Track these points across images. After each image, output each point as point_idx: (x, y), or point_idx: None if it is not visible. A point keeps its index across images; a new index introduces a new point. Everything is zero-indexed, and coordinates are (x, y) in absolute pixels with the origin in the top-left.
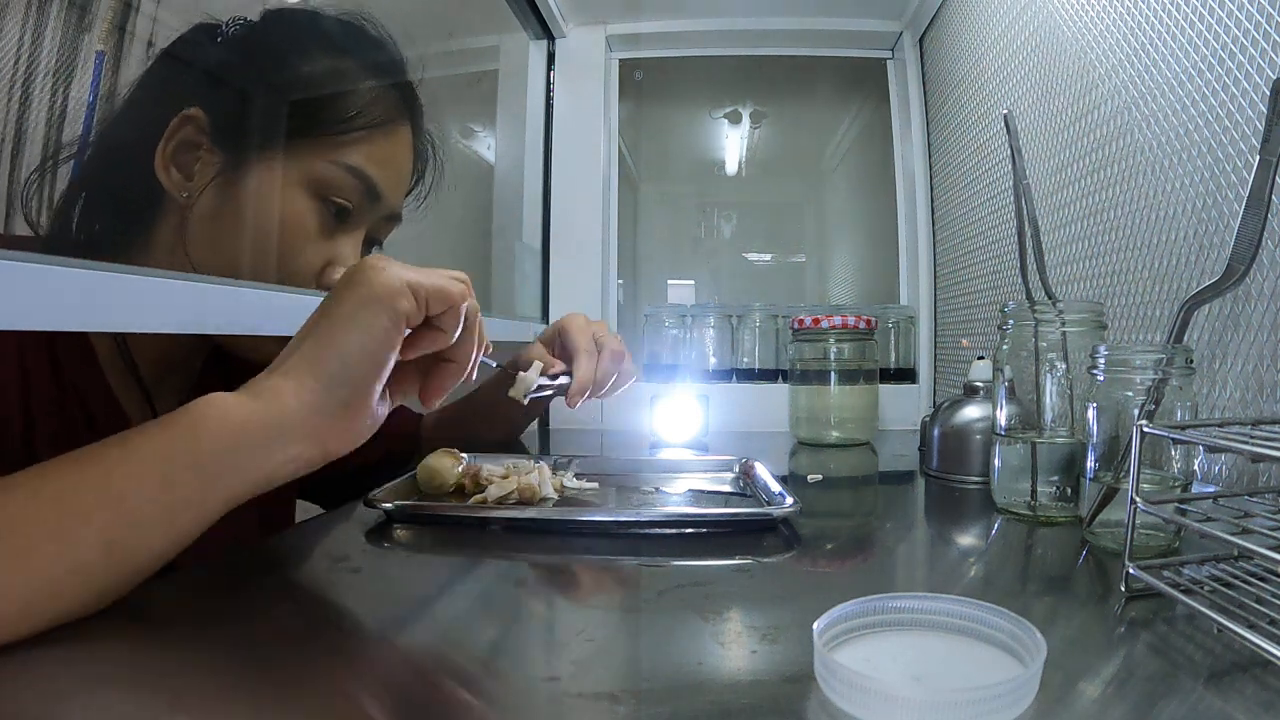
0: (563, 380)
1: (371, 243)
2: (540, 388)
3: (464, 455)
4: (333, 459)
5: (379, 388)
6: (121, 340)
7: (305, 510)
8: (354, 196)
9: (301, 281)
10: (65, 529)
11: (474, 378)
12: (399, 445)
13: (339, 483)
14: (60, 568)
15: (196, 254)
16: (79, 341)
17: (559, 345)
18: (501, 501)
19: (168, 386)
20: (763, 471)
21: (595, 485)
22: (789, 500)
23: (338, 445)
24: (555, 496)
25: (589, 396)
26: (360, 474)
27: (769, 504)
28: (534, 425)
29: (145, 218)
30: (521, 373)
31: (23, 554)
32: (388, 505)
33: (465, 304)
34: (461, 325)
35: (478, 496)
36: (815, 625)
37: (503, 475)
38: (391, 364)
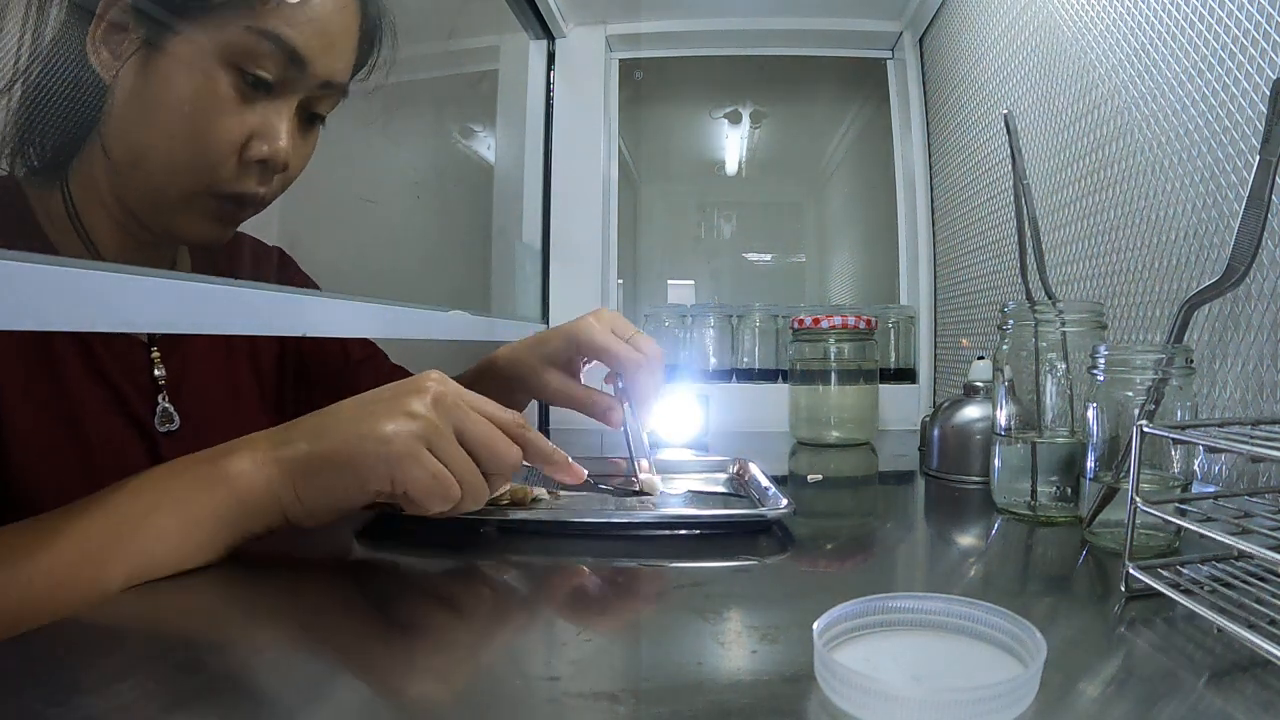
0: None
1: (311, 116)
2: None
3: None
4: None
5: (340, 517)
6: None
7: None
8: (272, 66)
9: (221, 157)
10: (96, 578)
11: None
12: None
13: None
14: (88, 597)
15: (113, 140)
16: None
17: (580, 360)
18: (494, 503)
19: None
20: (757, 472)
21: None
22: (784, 501)
23: (304, 525)
24: (548, 498)
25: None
26: None
27: (762, 505)
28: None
29: (94, 102)
30: (644, 476)
31: (53, 592)
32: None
33: (450, 506)
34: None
35: None
36: (815, 625)
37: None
38: (359, 508)
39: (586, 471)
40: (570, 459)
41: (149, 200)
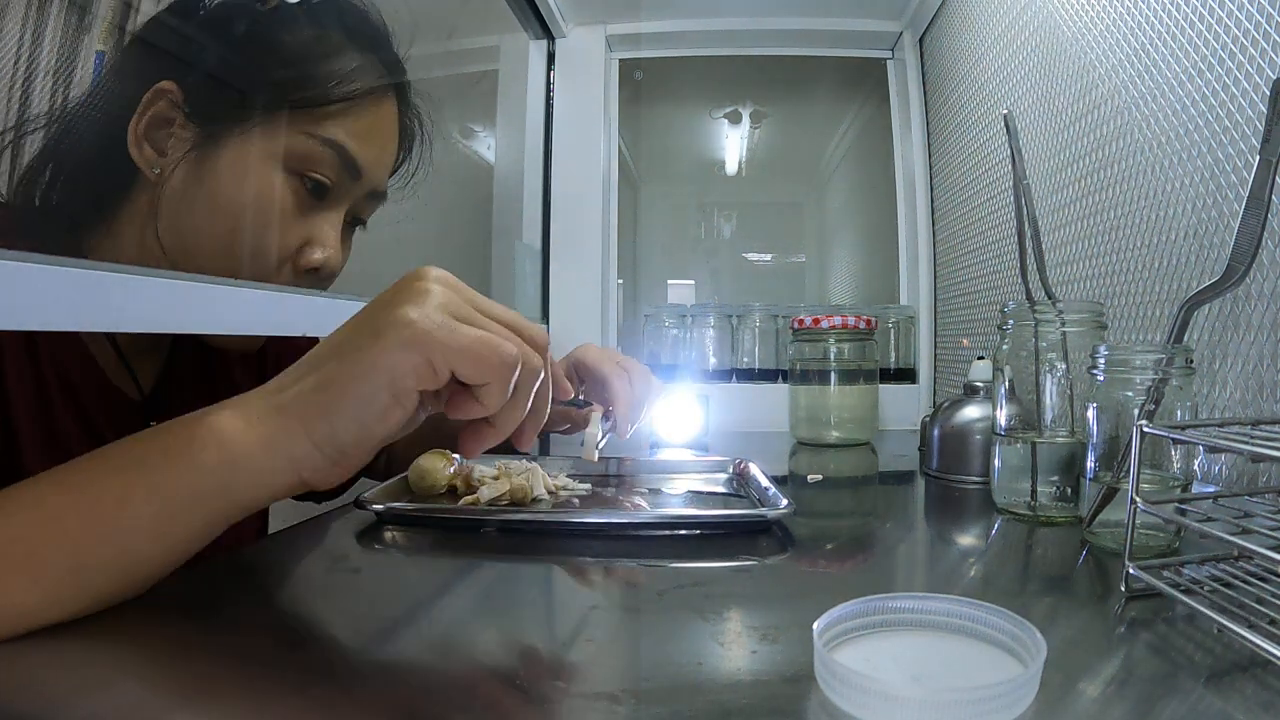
0: (611, 420)
1: (354, 221)
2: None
3: (455, 456)
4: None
5: (374, 450)
6: None
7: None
8: (332, 172)
9: (277, 262)
10: (80, 565)
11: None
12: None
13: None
14: (71, 593)
15: (167, 233)
16: None
17: (578, 380)
18: (494, 503)
19: (144, 343)
20: (757, 472)
21: (587, 486)
22: (784, 501)
23: (323, 484)
24: (548, 498)
25: (635, 424)
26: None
27: (762, 505)
28: None
29: (115, 195)
30: (587, 430)
31: (39, 581)
32: (378, 507)
33: (515, 374)
34: (508, 396)
35: (469, 498)
36: (815, 625)
37: (495, 476)
38: (398, 426)
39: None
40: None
41: None
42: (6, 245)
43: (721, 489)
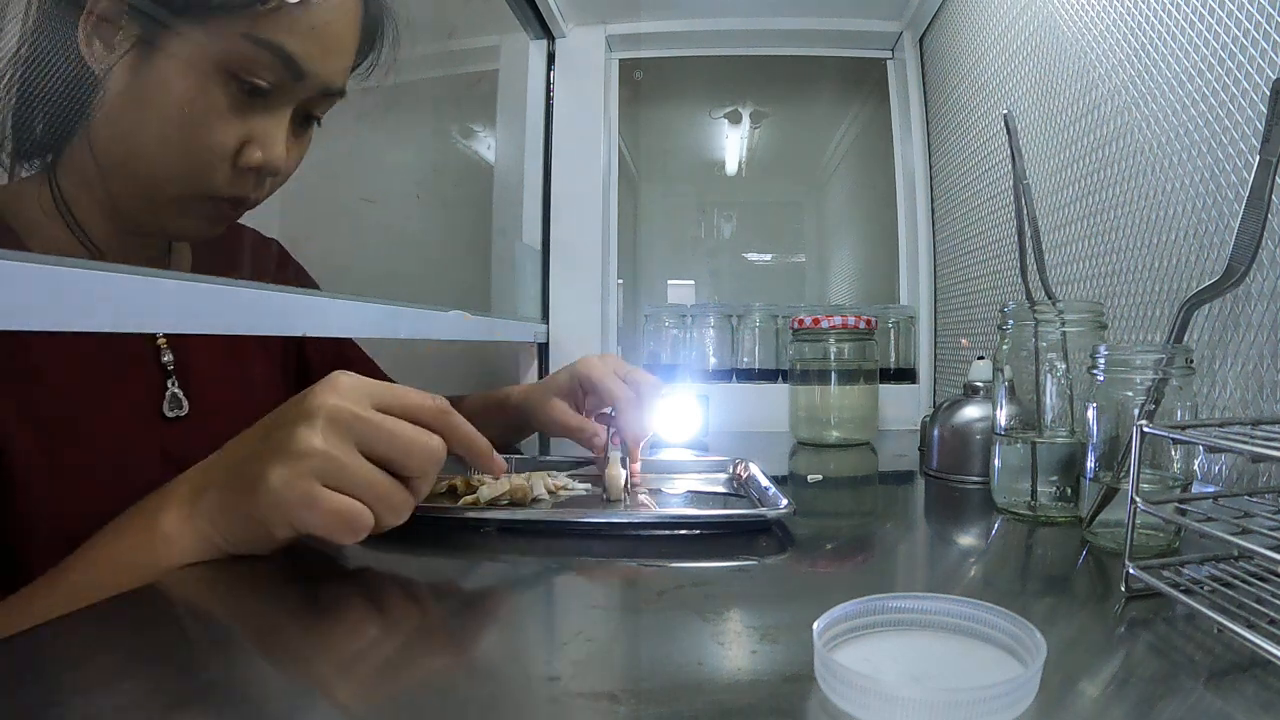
0: (622, 449)
1: (308, 118)
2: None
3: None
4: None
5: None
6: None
7: None
8: (271, 75)
9: (215, 161)
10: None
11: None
12: None
13: None
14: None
15: (112, 126)
16: None
17: (582, 394)
18: (493, 503)
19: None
20: (757, 472)
21: (587, 486)
22: (784, 501)
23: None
24: (548, 498)
25: (645, 441)
26: None
27: (762, 505)
28: None
29: (83, 94)
30: (610, 472)
31: None
32: None
33: (393, 503)
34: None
35: (469, 498)
36: (815, 625)
37: (494, 476)
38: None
39: (507, 465)
40: (493, 450)
41: (138, 199)
42: None
43: (721, 489)
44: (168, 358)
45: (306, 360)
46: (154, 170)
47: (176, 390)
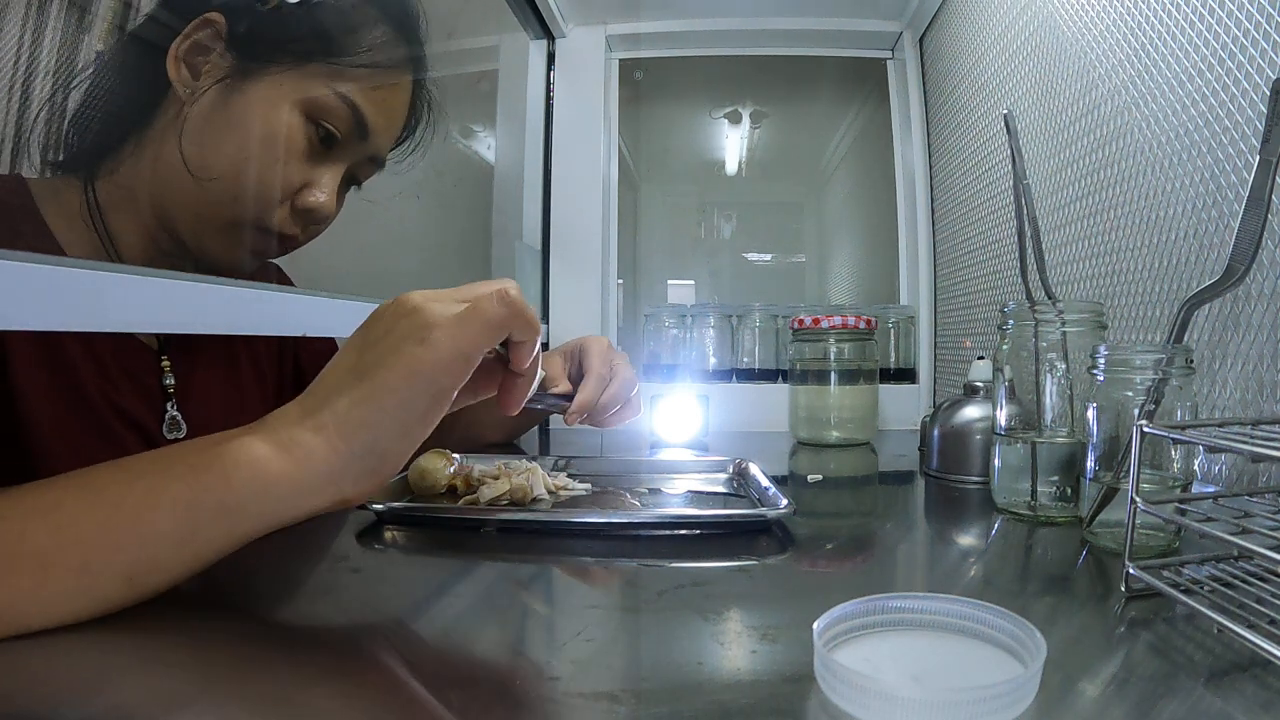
0: (562, 400)
1: (351, 180)
2: (537, 398)
3: (456, 456)
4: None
5: (409, 455)
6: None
7: None
8: (344, 126)
9: (280, 195)
10: (90, 568)
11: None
12: None
13: None
14: (81, 601)
15: (190, 145)
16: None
17: (575, 362)
18: (494, 503)
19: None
20: (757, 472)
21: (587, 486)
22: (784, 501)
23: (357, 497)
24: (548, 497)
25: (587, 420)
26: None
27: (762, 505)
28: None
29: (148, 109)
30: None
31: (44, 583)
32: (378, 507)
33: (535, 318)
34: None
35: (469, 498)
36: (815, 625)
37: (495, 476)
38: (434, 425)
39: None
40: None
41: (190, 218)
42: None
43: (721, 489)
44: (169, 380)
45: (302, 370)
46: (218, 193)
47: (175, 413)
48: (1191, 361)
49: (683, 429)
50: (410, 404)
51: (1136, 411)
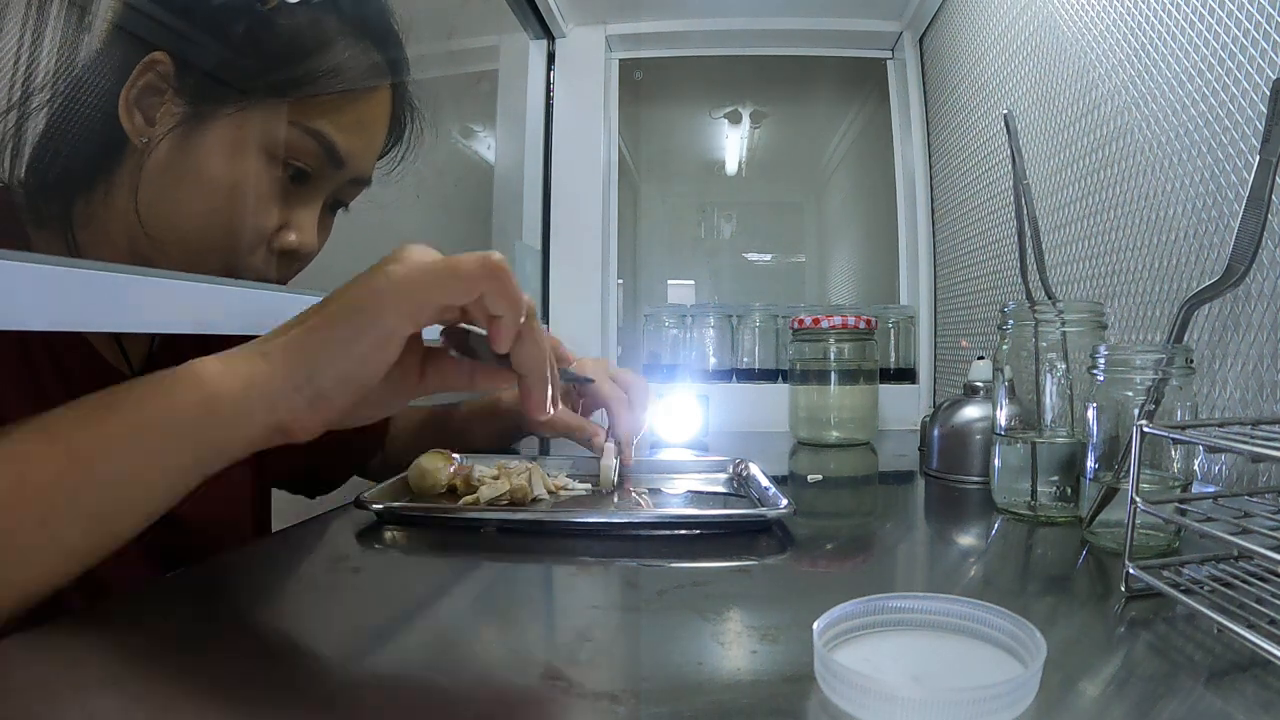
0: (586, 380)
1: (336, 205)
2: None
3: (456, 456)
4: (294, 442)
5: (354, 397)
6: None
7: (301, 508)
8: (315, 161)
9: (253, 242)
10: (49, 509)
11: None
12: (360, 457)
13: (313, 479)
14: (47, 558)
15: (146, 204)
16: None
17: (576, 396)
18: (494, 503)
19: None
20: (757, 472)
21: (587, 486)
22: (784, 501)
23: (298, 432)
24: (548, 497)
25: (636, 442)
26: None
27: (762, 505)
28: None
29: (103, 162)
30: (603, 463)
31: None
32: (378, 506)
33: (510, 278)
34: (519, 311)
35: (469, 498)
36: (815, 625)
37: (494, 476)
38: (380, 372)
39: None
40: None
41: (173, 267)
42: None
43: (721, 489)
44: None
45: None
46: (190, 243)
47: None
48: (1191, 361)
49: (683, 429)
50: (351, 341)
51: (1136, 411)
